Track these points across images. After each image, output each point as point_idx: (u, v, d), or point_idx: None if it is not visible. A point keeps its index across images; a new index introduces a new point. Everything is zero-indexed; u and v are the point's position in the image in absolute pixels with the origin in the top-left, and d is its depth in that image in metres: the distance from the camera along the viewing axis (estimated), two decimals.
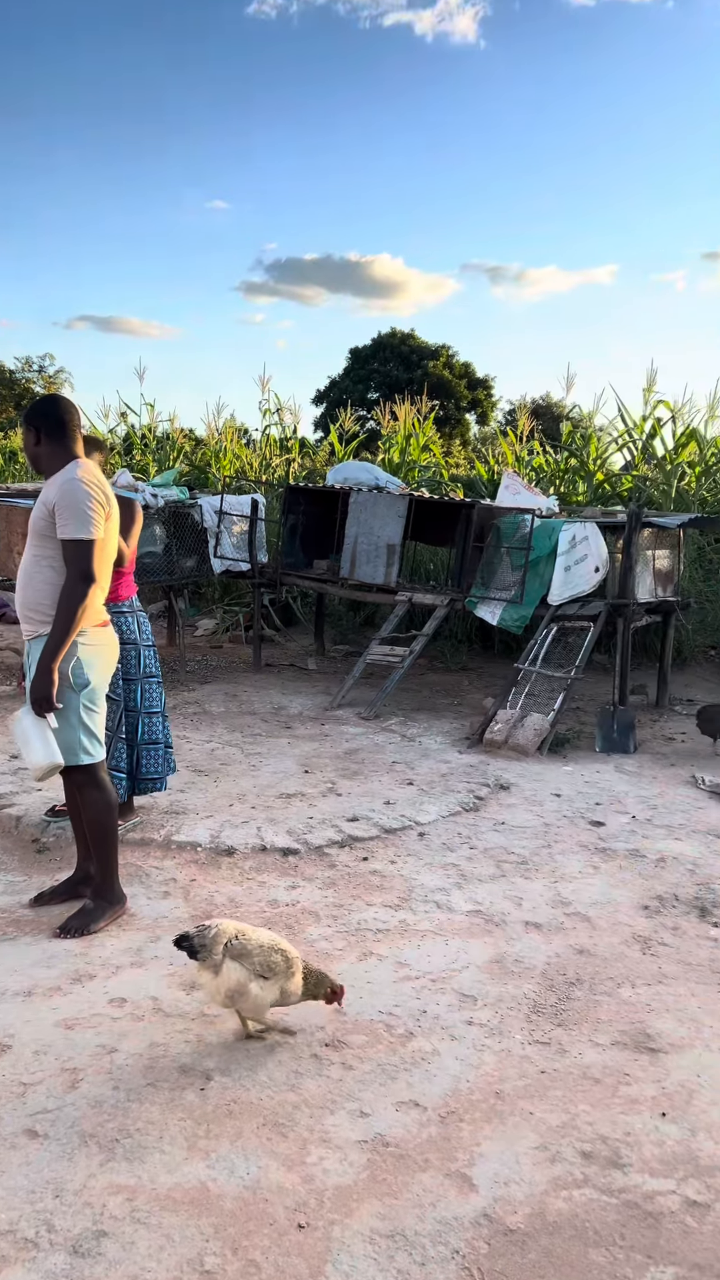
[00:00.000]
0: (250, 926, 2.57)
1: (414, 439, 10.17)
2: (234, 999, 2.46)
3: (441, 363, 34.11)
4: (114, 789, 3.25)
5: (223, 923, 2.54)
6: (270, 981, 2.46)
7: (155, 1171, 2.04)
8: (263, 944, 2.49)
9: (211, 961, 2.44)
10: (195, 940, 2.47)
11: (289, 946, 2.54)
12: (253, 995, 2.44)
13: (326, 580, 7.19)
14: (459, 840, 4.06)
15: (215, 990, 2.47)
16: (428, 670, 7.69)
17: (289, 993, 2.50)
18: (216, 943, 2.45)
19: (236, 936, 2.48)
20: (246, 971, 2.44)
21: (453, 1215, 1.94)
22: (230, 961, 2.44)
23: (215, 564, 7.34)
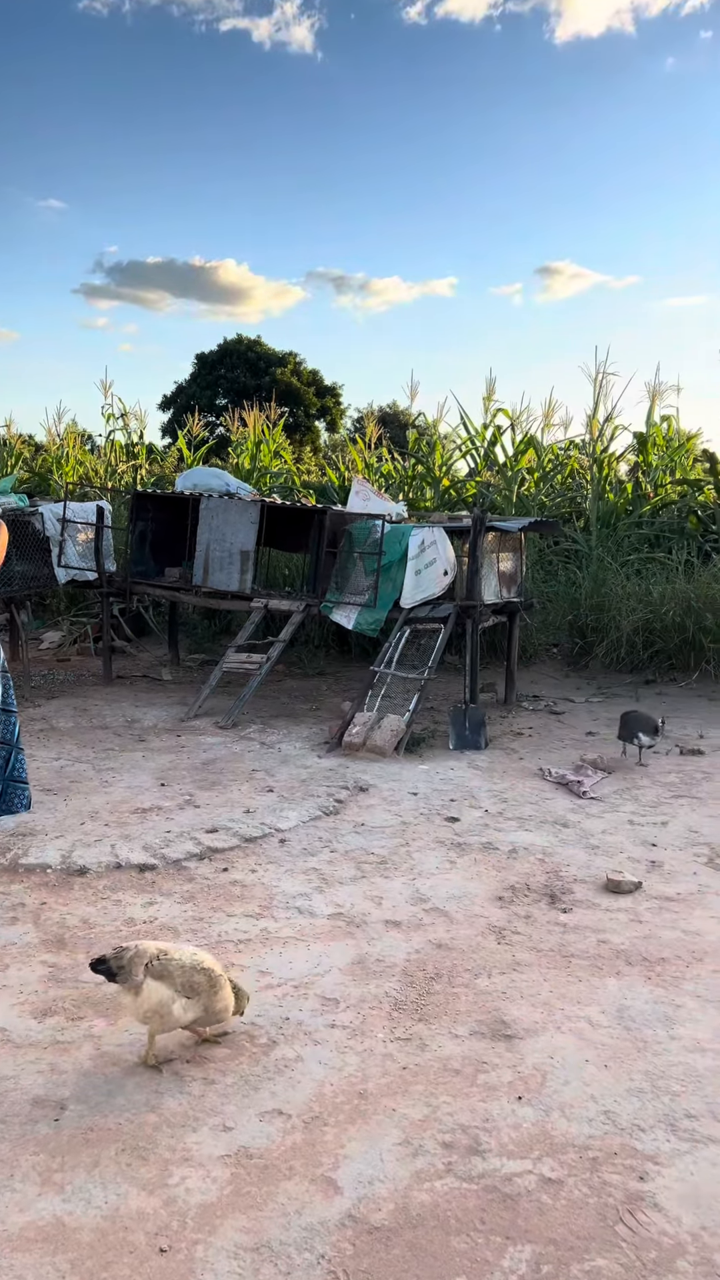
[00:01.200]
0: (173, 946, 2.52)
1: (264, 445, 10.15)
2: (154, 1018, 2.42)
3: (289, 370, 34.22)
4: None
5: (142, 944, 2.49)
6: (193, 1000, 2.43)
7: (6, 1211, 1.94)
8: (184, 964, 2.45)
9: (133, 983, 2.40)
10: (113, 963, 2.42)
11: (214, 964, 2.50)
12: (174, 1014, 2.41)
13: (179, 588, 7.07)
14: (319, 844, 4.07)
15: (135, 1010, 2.43)
16: (285, 676, 7.69)
17: (215, 1010, 2.47)
18: (136, 964, 2.41)
19: (158, 957, 2.44)
20: (170, 991, 2.40)
21: (318, 1220, 1.94)
22: (152, 981, 2.40)
23: (59, 573, 7.08)
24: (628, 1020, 2.71)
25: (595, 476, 8.63)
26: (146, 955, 2.45)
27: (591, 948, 3.16)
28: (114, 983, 2.45)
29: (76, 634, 8.58)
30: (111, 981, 2.45)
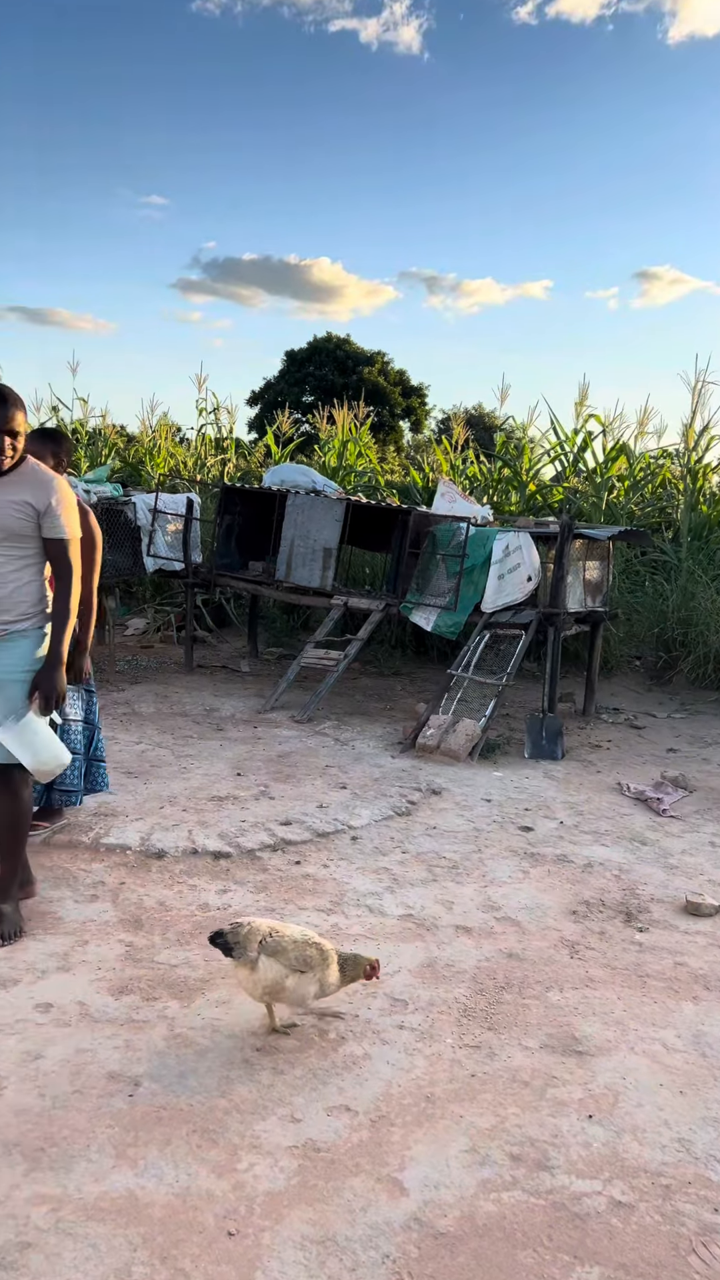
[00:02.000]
0: (281, 923, 2.59)
1: (351, 444, 10.20)
2: (272, 994, 2.49)
3: (377, 369, 34.30)
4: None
5: (255, 920, 2.57)
6: (307, 975, 2.50)
7: (81, 1180, 1.99)
8: (296, 940, 2.52)
9: (247, 959, 2.47)
10: (229, 937, 2.50)
11: (322, 940, 2.58)
12: (290, 989, 2.48)
13: (262, 582, 7.15)
14: (391, 844, 4.08)
15: (252, 986, 2.50)
16: (361, 675, 7.71)
17: (327, 983, 2.55)
18: (250, 940, 2.49)
19: (270, 934, 2.51)
20: (282, 967, 2.47)
21: (383, 1220, 1.94)
22: (266, 958, 2.47)
23: (148, 562, 7.23)
24: (704, 1046, 2.64)
25: (689, 487, 8.44)
26: (260, 932, 2.51)
27: (668, 969, 3.09)
28: (229, 957, 2.51)
29: (160, 622, 8.76)
30: (227, 955, 2.51)
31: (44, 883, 3.45)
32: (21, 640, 2.96)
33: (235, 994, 2.78)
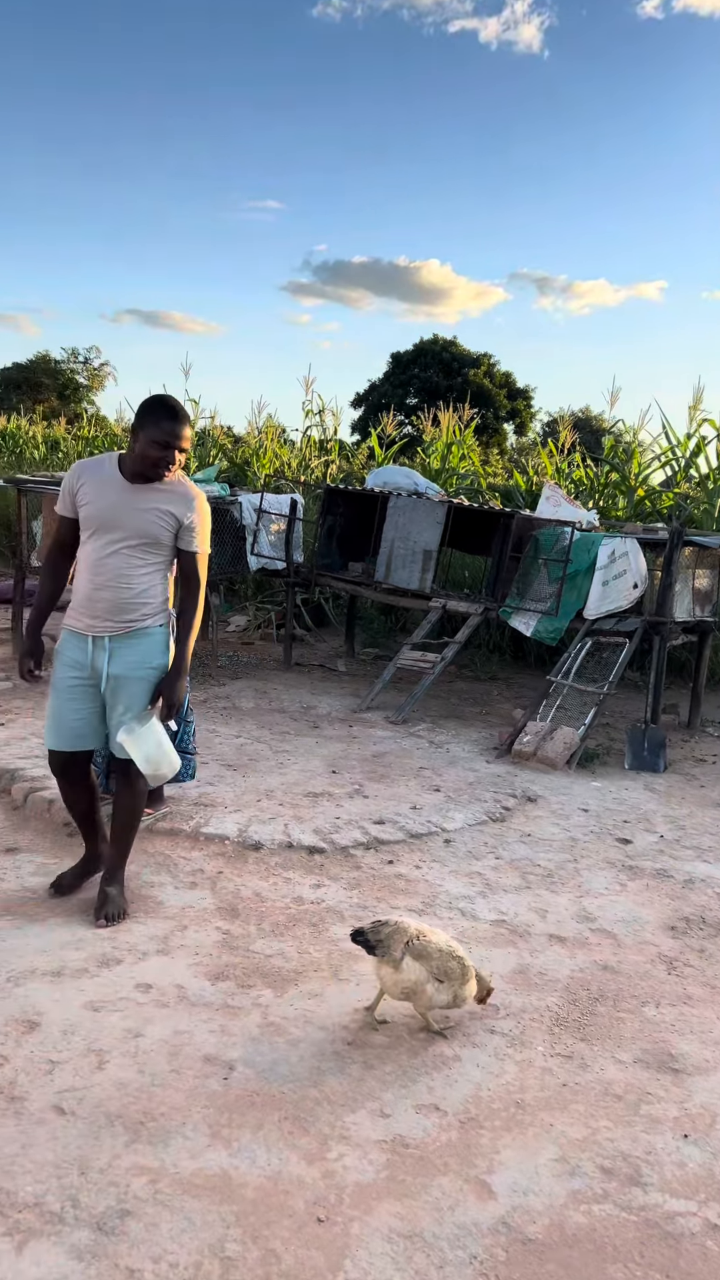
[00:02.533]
0: (429, 927, 2.62)
1: (454, 447, 10.17)
2: (409, 995, 2.54)
3: (482, 371, 34.10)
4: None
5: (401, 920, 2.60)
6: (445, 985, 2.53)
7: (178, 1156, 2.06)
8: (441, 949, 2.55)
9: (390, 958, 2.51)
10: (370, 936, 2.55)
11: (464, 953, 2.60)
12: (428, 995, 2.51)
13: (361, 583, 7.21)
14: (485, 849, 4.06)
15: (393, 985, 2.55)
16: (456, 678, 7.68)
17: (462, 998, 2.57)
18: (395, 940, 2.53)
19: (417, 936, 2.55)
20: (425, 972, 2.50)
21: (471, 1220, 1.95)
22: (410, 960, 2.51)
23: (251, 561, 7.38)
24: None
25: None
26: (407, 934, 2.54)
27: None
28: (371, 955, 2.55)
29: (260, 620, 8.92)
30: (370, 954, 2.55)
31: (146, 868, 3.57)
32: (145, 637, 3.06)
33: (327, 987, 2.82)
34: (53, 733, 3.11)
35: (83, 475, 3.01)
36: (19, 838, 3.78)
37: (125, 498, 2.97)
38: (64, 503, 3.05)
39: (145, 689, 3.06)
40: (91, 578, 3.00)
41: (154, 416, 2.91)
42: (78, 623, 3.05)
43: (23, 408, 27.62)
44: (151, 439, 2.90)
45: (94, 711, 3.09)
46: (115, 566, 2.99)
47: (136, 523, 2.97)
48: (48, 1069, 2.33)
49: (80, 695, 3.06)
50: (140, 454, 2.93)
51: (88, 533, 3.01)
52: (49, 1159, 2.02)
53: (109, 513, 2.96)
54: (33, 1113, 2.16)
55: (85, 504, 2.99)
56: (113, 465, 3.03)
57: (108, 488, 2.98)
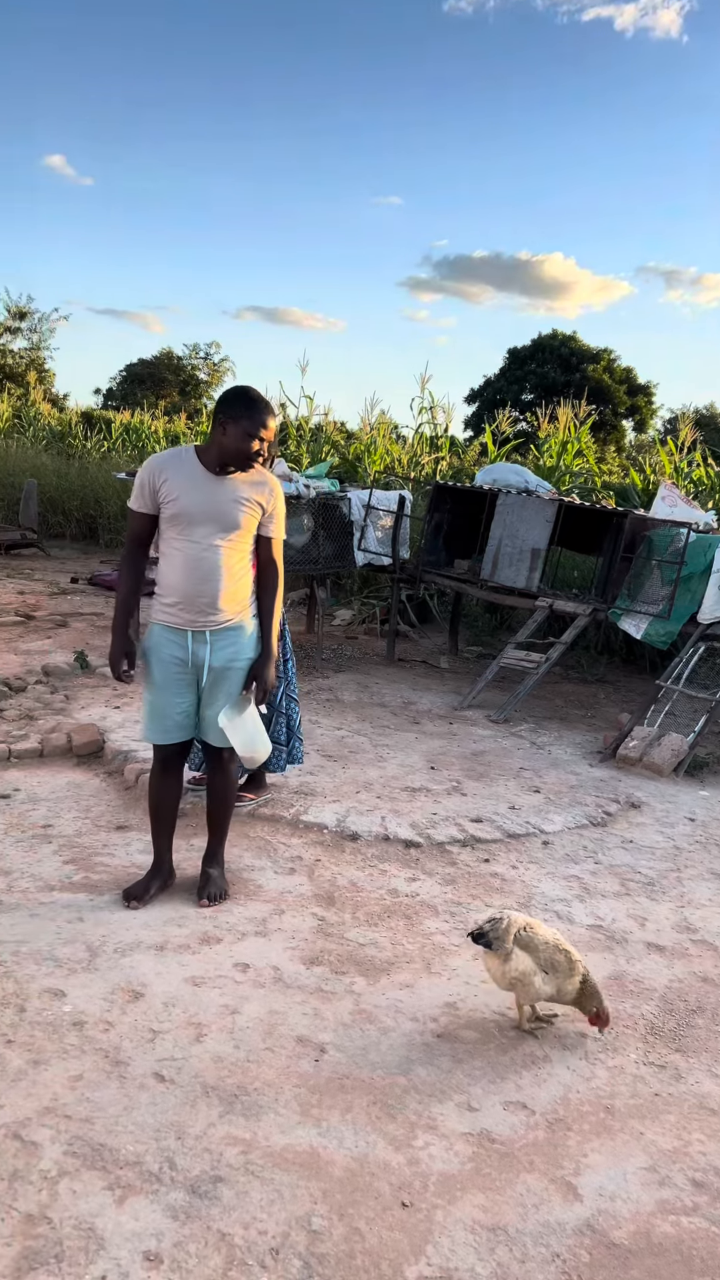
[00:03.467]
0: (538, 922, 2.67)
1: (570, 444, 10.01)
2: (515, 985, 2.58)
3: (602, 367, 33.34)
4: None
5: (512, 914, 2.67)
6: (550, 976, 2.57)
7: (269, 1130, 2.13)
8: (548, 941, 2.60)
9: (503, 950, 2.58)
10: (490, 935, 2.61)
11: (573, 949, 2.63)
12: (534, 986, 2.56)
13: (466, 580, 7.19)
14: (584, 853, 4.01)
15: (500, 976, 2.60)
16: (562, 679, 7.58)
17: (565, 991, 2.60)
18: (508, 934, 2.59)
19: (525, 928, 2.61)
20: (532, 963, 2.55)
21: (555, 1220, 1.95)
22: (519, 951, 2.56)
23: (359, 556, 7.46)
24: None
25: None
26: (517, 925, 2.59)
27: None
28: (488, 950, 2.61)
29: (365, 615, 9.00)
30: (487, 950, 2.61)
31: (246, 852, 3.67)
32: (241, 630, 3.11)
33: (419, 979, 2.86)
34: (156, 727, 3.13)
35: (164, 471, 2.97)
36: (129, 816, 3.95)
37: (214, 490, 2.96)
38: (143, 499, 3.01)
39: (242, 678, 3.11)
40: (189, 573, 2.98)
41: (245, 408, 2.90)
42: (175, 619, 3.04)
43: (146, 402, 28.58)
44: (245, 431, 2.89)
45: (193, 703, 3.12)
46: (214, 561, 2.98)
47: (229, 514, 2.97)
48: (150, 1037, 2.44)
49: (180, 689, 3.08)
50: (231, 446, 2.91)
51: (178, 528, 2.98)
52: (149, 1122, 2.12)
53: (201, 506, 2.95)
54: (135, 1077, 2.28)
55: (172, 499, 2.95)
56: (192, 458, 2.99)
57: (194, 481, 2.96)
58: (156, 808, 3.28)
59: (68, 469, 13.55)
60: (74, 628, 7.49)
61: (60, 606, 8.32)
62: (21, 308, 27.85)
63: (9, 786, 4.17)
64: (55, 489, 12.81)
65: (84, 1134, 2.06)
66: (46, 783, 4.26)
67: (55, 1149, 2.01)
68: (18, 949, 2.82)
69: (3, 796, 4.04)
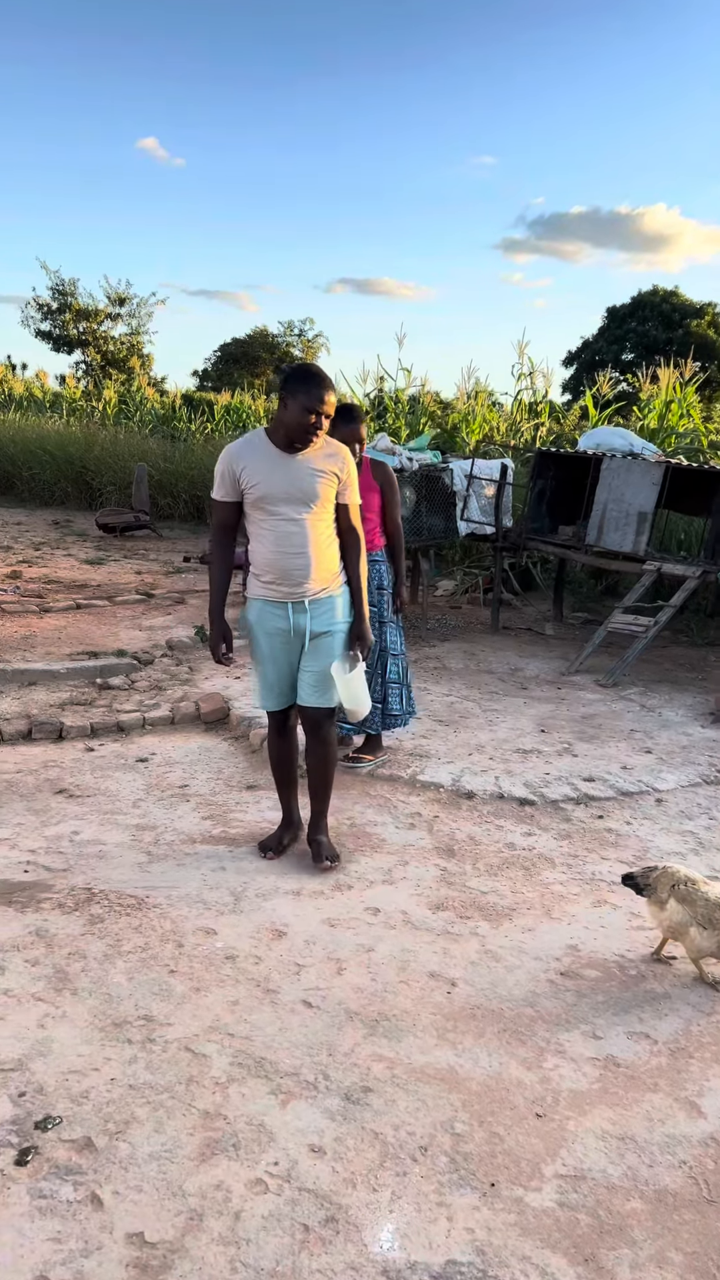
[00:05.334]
0: (704, 879, 2.82)
1: (674, 404, 9.83)
2: (675, 935, 2.76)
3: (706, 322, 32.14)
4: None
5: (671, 867, 2.85)
6: (710, 932, 2.69)
7: (410, 1050, 2.34)
8: (709, 899, 2.73)
9: (657, 899, 2.78)
10: (640, 880, 2.84)
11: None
12: (692, 938, 2.71)
13: (571, 546, 7.21)
14: (698, 810, 4.08)
15: (660, 921, 2.80)
16: (671, 643, 7.54)
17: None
18: (661, 883, 2.78)
19: (685, 882, 2.76)
20: (689, 915, 2.71)
21: (680, 1133, 2.10)
22: (675, 902, 2.73)
23: (461, 526, 7.56)
24: None
25: None
26: (675, 878, 2.76)
27: None
28: (641, 895, 2.83)
29: (468, 584, 9.11)
30: (639, 894, 2.83)
31: (369, 808, 3.89)
32: (337, 598, 3.28)
33: (540, 923, 3.02)
34: (271, 697, 3.33)
35: (240, 459, 3.10)
36: (257, 777, 4.22)
37: (290, 468, 3.08)
38: (225, 488, 3.15)
39: (342, 640, 3.28)
40: (281, 550, 3.13)
41: (303, 385, 2.99)
42: (274, 593, 3.19)
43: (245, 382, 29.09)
44: (303, 406, 2.97)
45: (295, 668, 3.30)
46: (302, 535, 3.12)
47: (308, 489, 3.09)
48: (295, 970, 2.69)
49: (286, 658, 3.27)
50: (291, 421, 3.01)
51: (264, 511, 3.11)
52: (301, 1041, 2.36)
53: (282, 486, 3.07)
54: (285, 1004, 2.52)
55: (254, 484, 3.08)
56: (264, 441, 3.11)
57: (271, 464, 3.08)
58: (278, 766, 3.51)
59: (173, 452, 14.02)
60: (190, 604, 7.85)
61: (176, 584, 8.71)
62: (122, 294, 28.60)
63: (146, 751, 4.50)
64: (163, 472, 13.29)
65: (246, 1049, 2.32)
66: (180, 747, 4.57)
67: (223, 1060, 2.27)
68: (169, 893, 3.10)
69: (141, 760, 4.37)
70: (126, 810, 3.79)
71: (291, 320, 40.03)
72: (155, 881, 3.19)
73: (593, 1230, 1.84)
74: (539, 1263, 1.76)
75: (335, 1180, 1.92)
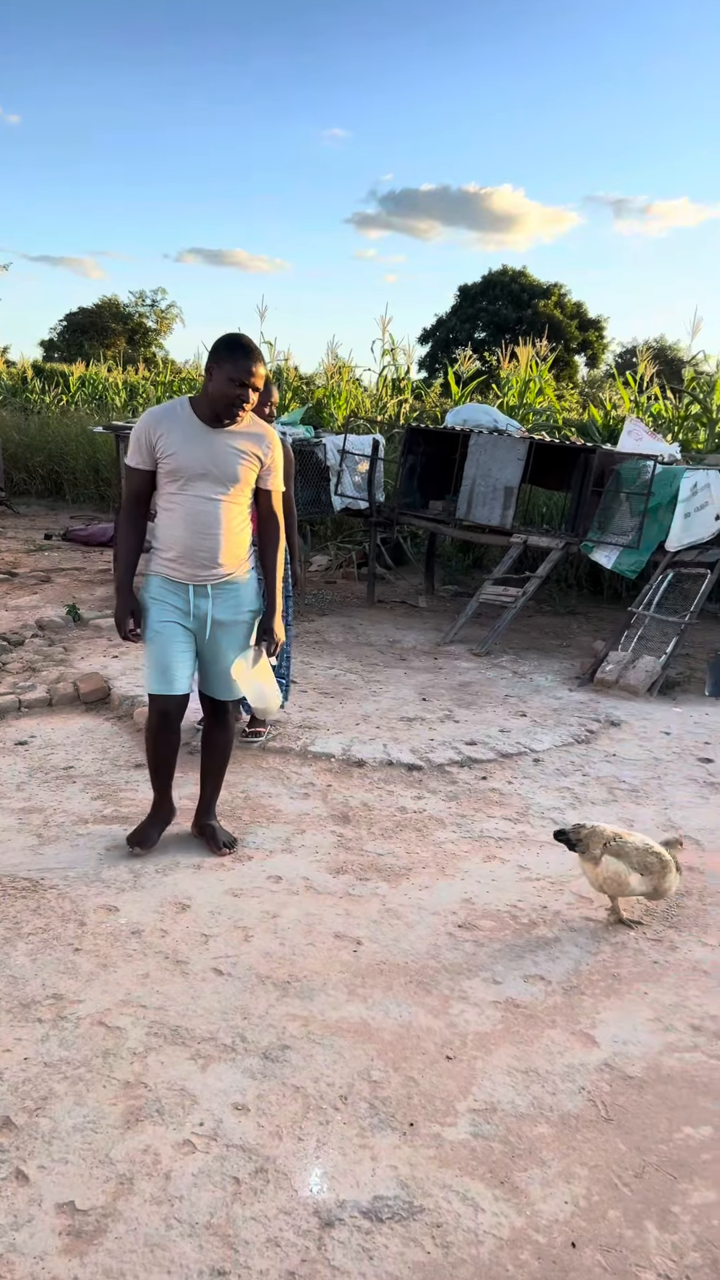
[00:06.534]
0: (626, 831, 2.96)
1: (532, 382, 10.18)
2: (606, 885, 2.88)
3: (553, 302, 33.29)
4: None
5: (598, 825, 2.97)
6: (646, 877, 2.85)
7: (323, 1008, 2.42)
8: (638, 847, 2.88)
9: (591, 855, 2.89)
10: (571, 835, 2.96)
11: (663, 850, 2.91)
12: (632, 886, 2.85)
13: (442, 521, 7.41)
14: (572, 767, 4.32)
15: (593, 878, 2.91)
16: (536, 613, 7.88)
17: (662, 890, 2.89)
18: (593, 841, 2.90)
19: (615, 838, 2.89)
20: (625, 866, 2.84)
21: (578, 1062, 2.26)
22: (609, 858, 2.85)
23: (336, 501, 7.63)
24: None
25: None
26: (604, 836, 2.89)
27: None
28: (573, 851, 2.96)
29: (341, 559, 9.20)
30: (571, 850, 2.96)
31: (262, 780, 3.93)
32: (244, 584, 3.13)
33: (436, 881, 3.15)
34: (161, 679, 3.07)
35: (159, 425, 2.92)
36: (144, 756, 4.17)
37: (211, 443, 2.92)
38: (140, 455, 2.96)
39: (248, 630, 3.12)
40: (189, 527, 2.96)
41: (230, 355, 2.83)
42: (177, 572, 3.02)
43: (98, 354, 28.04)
44: (229, 377, 2.82)
45: (193, 655, 3.12)
46: (214, 514, 2.97)
47: (227, 467, 2.94)
48: (203, 940, 2.71)
49: (184, 640, 3.07)
50: (216, 393, 2.86)
51: (177, 483, 2.94)
52: (216, 1006, 2.39)
53: (199, 460, 2.91)
54: (196, 973, 2.54)
55: (171, 454, 2.91)
56: (187, 411, 2.94)
57: (191, 436, 2.91)
58: (157, 760, 3.23)
59: (28, 425, 13.44)
60: (58, 583, 7.61)
61: (40, 563, 8.41)
62: None
63: (25, 734, 4.36)
64: (17, 445, 12.73)
65: (160, 1019, 2.33)
66: (60, 729, 4.46)
67: (138, 1031, 2.27)
68: (66, 874, 3.05)
69: (20, 743, 4.24)
70: (10, 794, 3.68)
71: (143, 290, 38.89)
72: (49, 863, 3.12)
73: (505, 1155, 1.97)
74: (459, 1189, 1.87)
75: (261, 1134, 1.98)
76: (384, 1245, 1.73)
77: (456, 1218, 1.81)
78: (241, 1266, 1.67)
